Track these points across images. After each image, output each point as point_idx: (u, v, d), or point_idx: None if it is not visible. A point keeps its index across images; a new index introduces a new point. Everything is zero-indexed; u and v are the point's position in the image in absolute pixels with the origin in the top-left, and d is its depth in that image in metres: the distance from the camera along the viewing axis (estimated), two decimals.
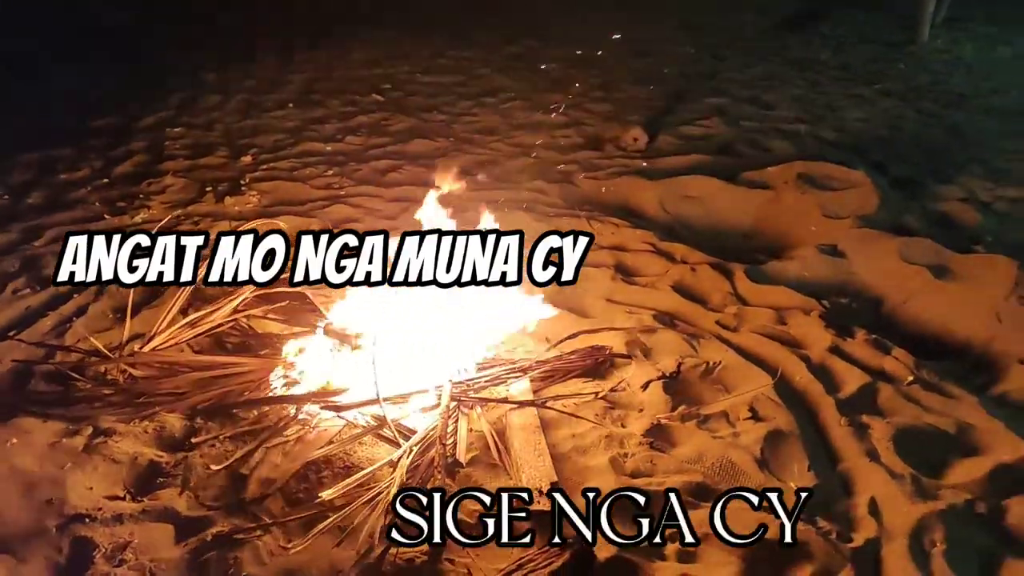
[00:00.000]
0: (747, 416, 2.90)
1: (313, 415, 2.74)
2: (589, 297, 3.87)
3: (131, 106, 6.42)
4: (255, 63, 7.85)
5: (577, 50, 8.65)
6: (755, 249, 4.52)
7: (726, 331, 3.53)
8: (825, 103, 6.99)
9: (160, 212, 4.53)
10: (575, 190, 5.14)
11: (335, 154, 5.64)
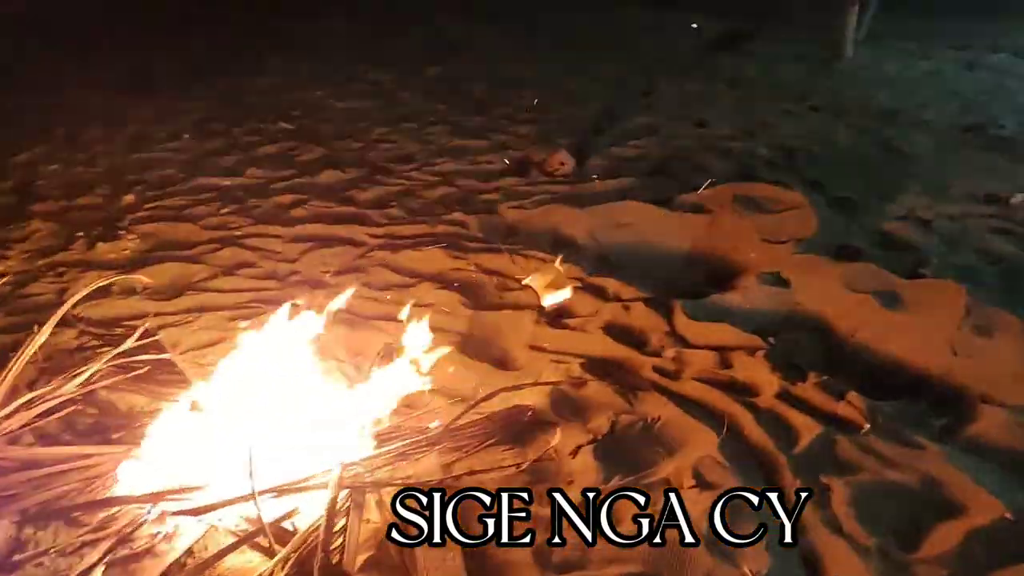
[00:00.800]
0: (691, 484, 2.51)
1: (171, 517, 2.24)
2: (510, 343, 3.45)
3: (6, 141, 5.80)
4: (153, 92, 7.27)
5: (503, 71, 8.32)
6: (694, 280, 4.15)
7: (665, 379, 3.15)
8: (758, 120, 6.75)
9: (19, 263, 3.96)
10: (498, 221, 4.73)
11: (234, 189, 5.13)
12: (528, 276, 3.90)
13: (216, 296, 3.75)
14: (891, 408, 2.90)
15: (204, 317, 3.54)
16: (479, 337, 3.52)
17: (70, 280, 3.81)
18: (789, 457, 2.62)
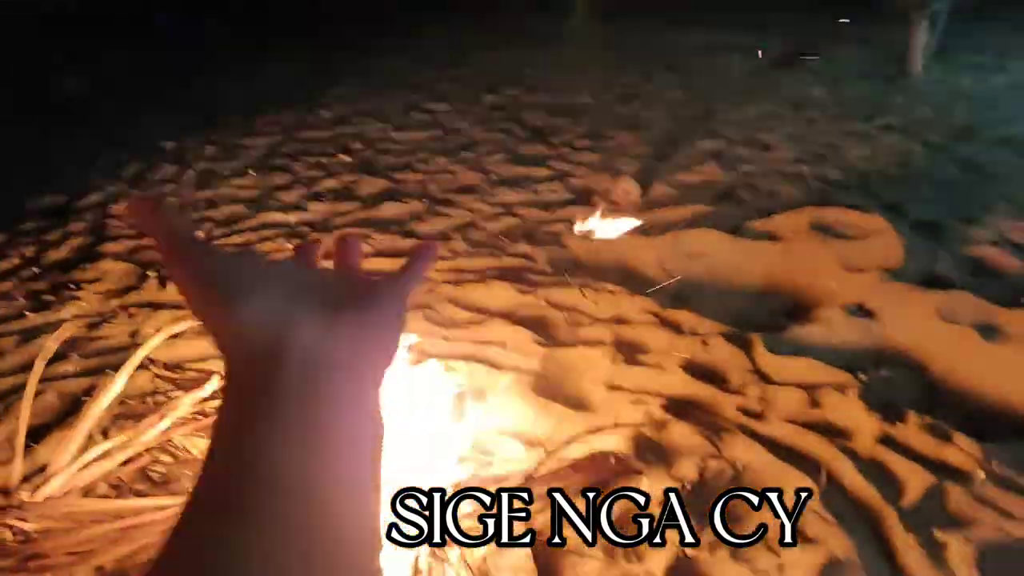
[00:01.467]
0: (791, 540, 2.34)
1: None
2: (586, 383, 3.32)
3: (79, 181, 5.90)
4: (218, 129, 7.37)
5: (560, 97, 8.24)
6: (771, 312, 3.98)
7: (751, 420, 2.98)
8: (825, 142, 6.53)
9: (92, 304, 3.98)
10: (565, 252, 4.62)
11: (298, 224, 5.12)
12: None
13: None
14: (1005, 453, 2.69)
15: None
16: (553, 376, 3.40)
17: (142, 321, 3.80)
18: (898, 510, 2.43)
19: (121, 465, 2.60)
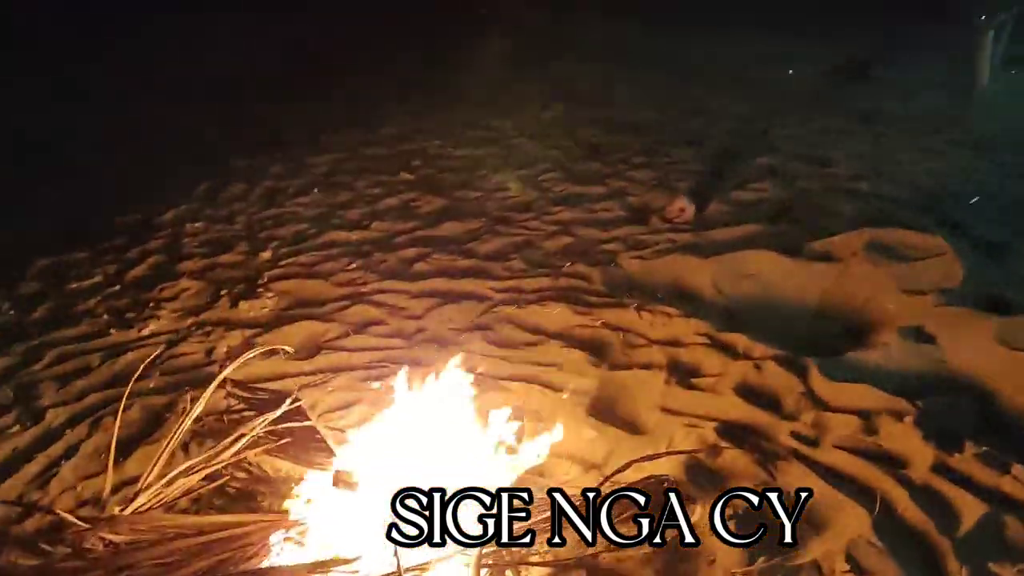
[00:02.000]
0: (845, 568, 2.37)
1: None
2: (640, 406, 3.39)
3: (155, 199, 6.19)
4: (283, 146, 7.63)
5: (617, 114, 8.30)
6: (827, 335, 3.98)
7: (806, 446, 3.01)
8: (890, 157, 6.46)
9: (170, 322, 4.20)
10: (620, 273, 4.69)
11: (360, 243, 5.30)
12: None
13: (348, 356, 3.85)
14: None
15: (339, 378, 3.64)
16: (608, 398, 3.48)
17: (216, 339, 4.00)
18: (953, 540, 2.44)
19: (201, 481, 2.77)
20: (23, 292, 4.61)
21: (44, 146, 7.85)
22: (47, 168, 7.21)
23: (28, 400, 3.50)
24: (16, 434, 3.24)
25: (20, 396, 3.54)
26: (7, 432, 3.25)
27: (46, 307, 4.43)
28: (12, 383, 3.64)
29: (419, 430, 2.74)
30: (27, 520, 2.73)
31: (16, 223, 5.82)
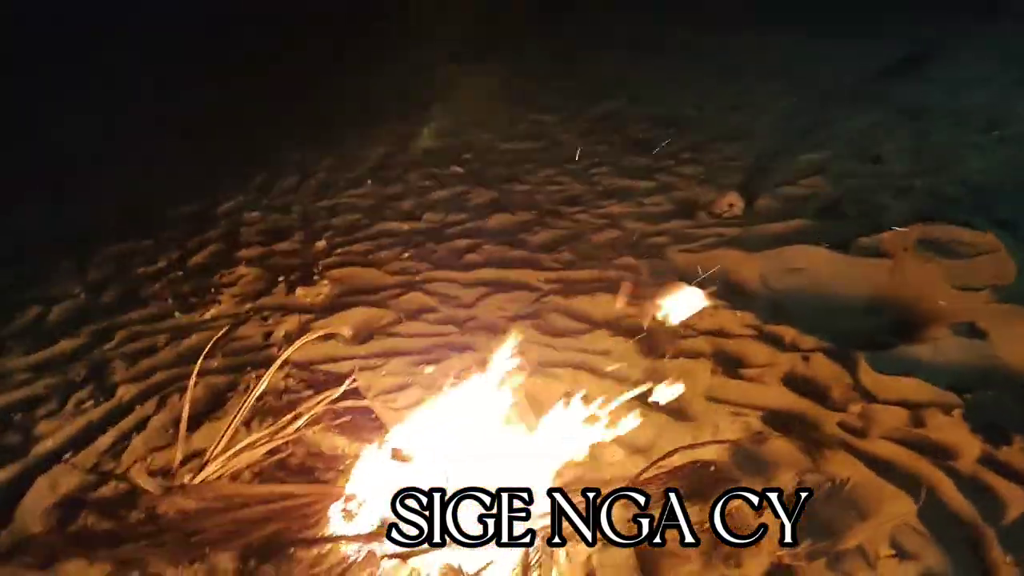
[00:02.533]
0: (889, 553, 2.42)
1: (377, 557, 2.41)
2: (687, 394, 3.44)
3: (213, 190, 6.40)
4: (334, 139, 7.80)
5: (665, 109, 8.31)
6: (875, 330, 3.99)
7: (852, 437, 3.04)
8: (940, 153, 6.39)
9: (230, 307, 4.36)
10: (667, 266, 4.74)
11: (412, 233, 5.43)
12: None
13: (401, 341, 3.98)
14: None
15: (392, 362, 3.76)
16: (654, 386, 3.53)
17: (273, 323, 4.16)
18: (998, 529, 2.47)
19: (264, 455, 2.91)
20: (92, 277, 4.83)
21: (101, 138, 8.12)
22: (106, 160, 7.47)
23: (100, 377, 3.69)
24: (89, 408, 3.42)
25: (92, 373, 3.72)
26: (82, 407, 3.43)
27: (114, 291, 4.64)
28: (84, 362, 3.83)
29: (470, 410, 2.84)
30: (103, 487, 2.88)
31: (81, 212, 6.06)
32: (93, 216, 5.97)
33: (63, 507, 2.76)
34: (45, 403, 3.46)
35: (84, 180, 6.87)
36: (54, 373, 3.71)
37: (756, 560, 2.43)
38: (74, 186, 6.70)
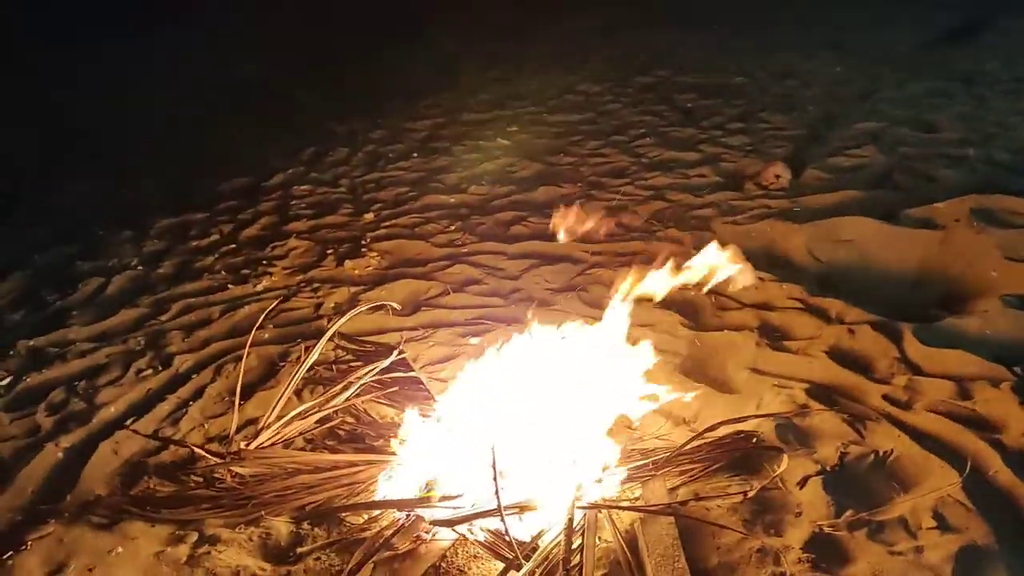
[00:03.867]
0: (932, 525, 2.41)
1: (424, 523, 2.49)
2: (730, 367, 3.46)
3: (262, 164, 6.52)
4: (381, 112, 7.87)
5: (711, 79, 8.21)
6: (923, 303, 3.95)
7: (897, 409, 3.03)
8: (996, 121, 6.22)
9: (281, 279, 4.48)
10: (713, 238, 4.71)
11: (458, 206, 5.49)
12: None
13: (448, 312, 4.05)
14: None
15: (439, 333, 3.84)
16: (699, 359, 3.56)
17: (323, 295, 4.26)
18: None
19: (315, 423, 3.01)
20: (148, 249, 4.99)
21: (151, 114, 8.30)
22: (160, 134, 7.64)
23: (158, 347, 3.83)
24: (149, 376, 3.56)
25: (151, 343, 3.87)
26: (142, 375, 3.57)
27: (170, 263, 4.79)
28: (143, 332, 3.98)
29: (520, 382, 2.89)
30: (162, 453, 3.01)
31: (136, 186, 6.23)
32: (148, 190, 6.13)
33: (125, 471, 2.89)
34: (107, 372, 3.61)
35: (139, 154, 7.05)
36: (114, 343, 3.86)
37: (797, 529, 2.45)
38: (129, 160, 6.88)
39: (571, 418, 2.75)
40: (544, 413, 2.74)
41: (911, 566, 2.26)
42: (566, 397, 2.79)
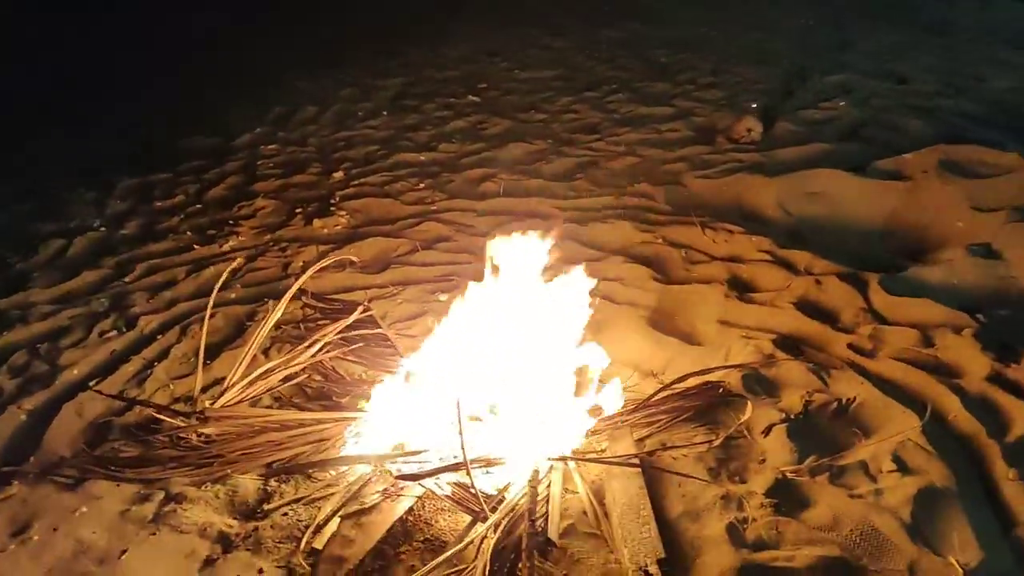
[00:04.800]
0: (891, 468, 2.45)
1: (391, 478, 2.49)
2: (699, 320, 3.48)
3: (229, 122, 6.38)
4: (350, 68, 7.73)
5: (684, 32, 8.14)
6: (891, 253, 3.98)
7: (861, 357, 3.07)
8: (966, 72, 6.23)
9: (249, 238, 4.42)
10: (684, 192, 4.72)
11: (429, 164, 5.43)
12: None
13: (417, 270, 4.02)
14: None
15: (408, 290, 3.81)
16: (668, 311, 3.57)
17: (291, 254, 4.21)
18: (1002, 445, 2.50)
19: (282, 382, 2.99)
20: (111, 210, 4.88)
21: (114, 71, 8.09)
22: (123, 92, 7.44)
23: (122, 308, 3.77)
24: (113, 338, 3.51)
25: (114, 304, 3.81)
26: (105, 337, 3.52)
27: (134, 224, 4.70)
28: (106, 293, 3.91)
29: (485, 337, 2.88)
30: (127, 414, 2.98)
31: (98, 144, 6.08)
32: (111, 149, 5.98)
33: (90, 432, 2.85)
34: (69, 334, 3.55)
35: (101, 112, 6.87)
36: (77, 305, 3.78)
37: (761, 476, 2.48)
38: (91, 118, 6.71)
39: (537, 372, 2.75)
40: (509, 367, 2.74)
41: (870, 508, 2.30)
42: (531, 351, 2.79)
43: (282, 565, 2.24)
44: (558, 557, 2.23)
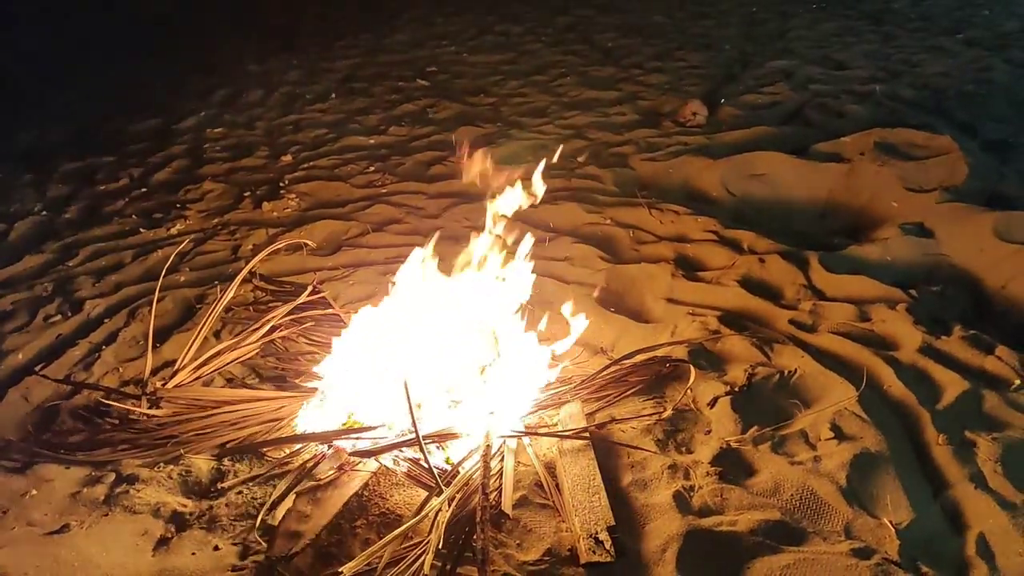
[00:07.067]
0: (829, 436, 2.55)
1: (345, 454, 2.52)
2: (647, 297, 3.56)
3: (174, 105, 6.28)
4: (298, 52, 7.65)
5: (632, 19, 8.22)
6: (830, 232, 4.12)
7: (802, 332, 3.18)
8: (902, 58, 6.44)
9: (197, 222, 4.37)
10: (631, 174, 4.80)
11: (378, 147, 5.41)
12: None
13: (368, 252, 4.03)
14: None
15: (359, 272, 3.82)
16: (616, 290, 3.64)
17: (241, 238, 4.18)
18: (933, 412, 2.62)
19: (233, 362, 2.98)
20: (53, 194, 4.78)
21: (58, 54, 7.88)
22: (60, 76, 7.25)
23: (67, 293, 3.71)
24: (58, 322, 3.46)
25: (59, 288, 3.74)
26: (50, 321, 3.47)
27: (76, 208, 4.61)
28: (49, 278, 3.84)
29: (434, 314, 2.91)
30: (76, 397, 2.95)
31: (36, 129, 5.93)
32: (49, 133, 5.84)
33: (37, 417, 2.82)
34: (12, 319, 3.48)
35: (37, 96, 6.70)
36: (19, 290, 3.71)
37: (706, 447, 2.57)
38: (27, 103, 6.53)
39: (488, 348, 2.79)
40: (461, 343, 2.78)
41: (809, 474, 2.40)
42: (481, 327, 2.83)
43: (238, 542, 2.25)
44: (511, 528, 2.28)
